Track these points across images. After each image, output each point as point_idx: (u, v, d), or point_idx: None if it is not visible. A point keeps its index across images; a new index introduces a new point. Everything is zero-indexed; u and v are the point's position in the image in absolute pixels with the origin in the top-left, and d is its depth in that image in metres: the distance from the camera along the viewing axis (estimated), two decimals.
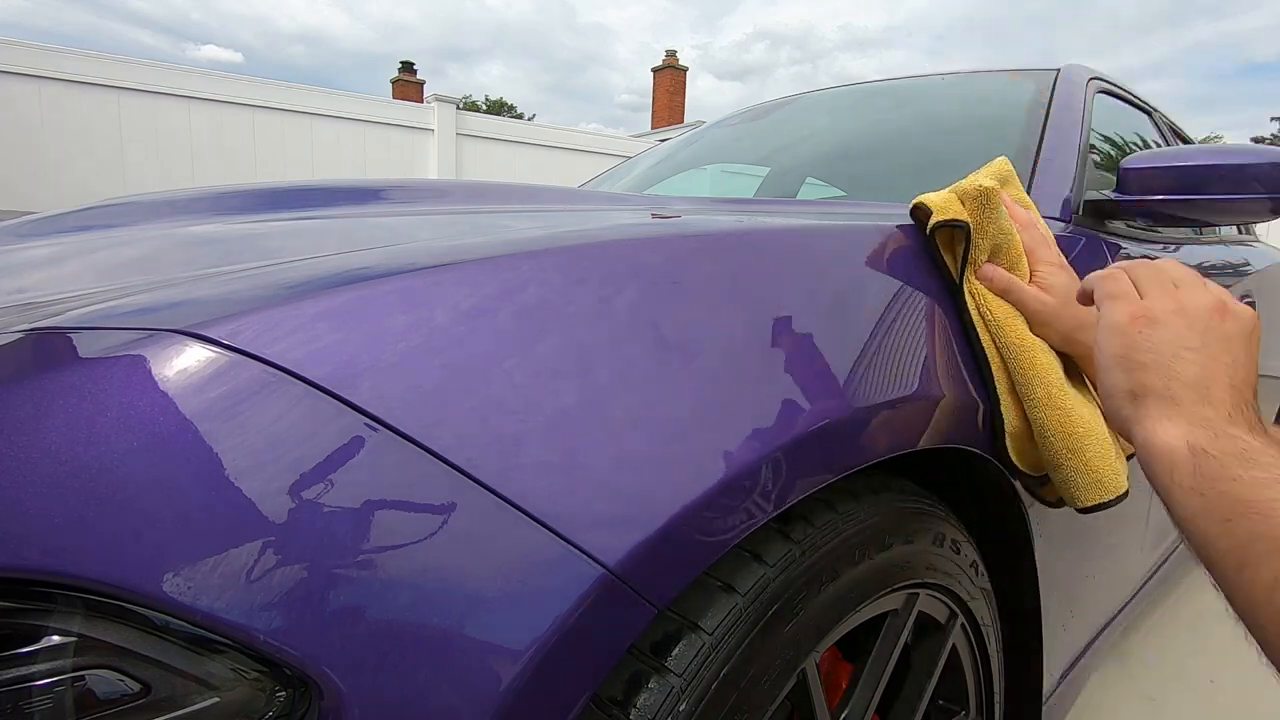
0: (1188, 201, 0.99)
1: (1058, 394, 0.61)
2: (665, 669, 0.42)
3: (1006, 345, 0.62)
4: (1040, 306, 0.63)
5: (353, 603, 0.30)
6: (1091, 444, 0.61)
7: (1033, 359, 0.62)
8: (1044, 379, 0.61)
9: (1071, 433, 0.61)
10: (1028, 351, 0.62)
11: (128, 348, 0.32)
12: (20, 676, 0.26)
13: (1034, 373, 0.61)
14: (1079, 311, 0.63)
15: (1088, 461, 0.61)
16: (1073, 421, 0.61)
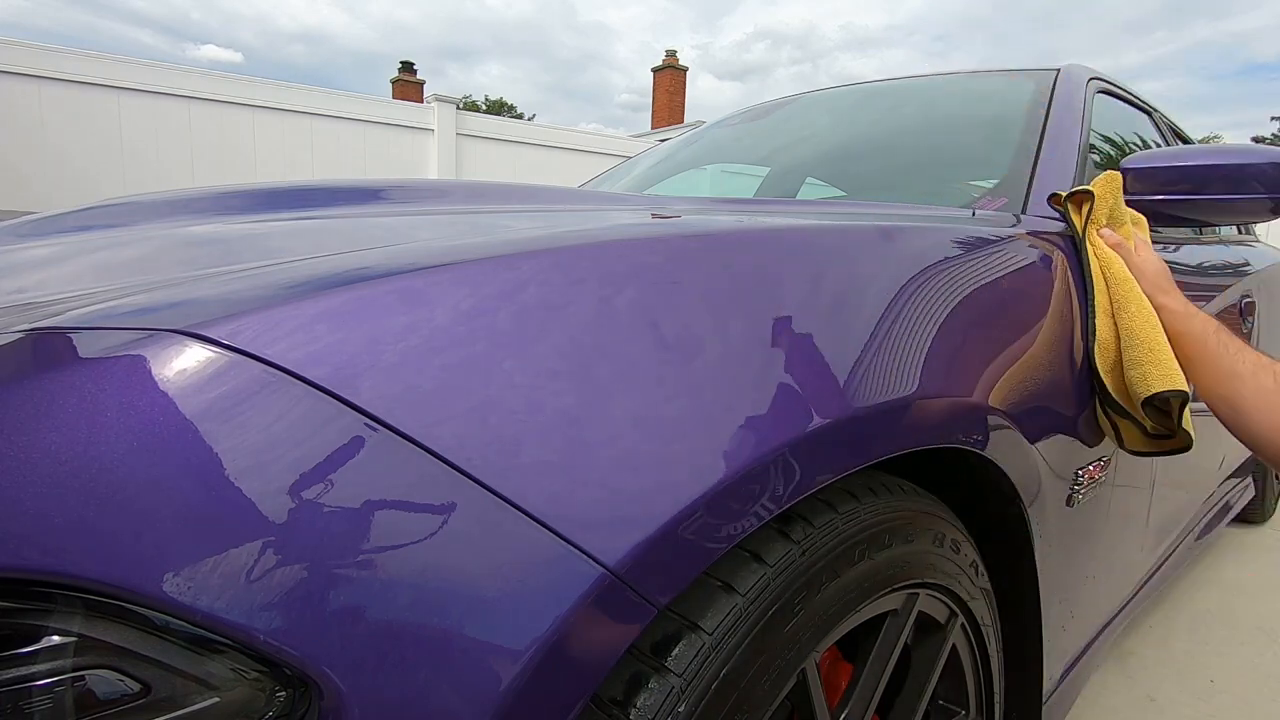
0: (1188, 201, 0.99)
1: (1147, 310, 0.84)
2: (665, 669, 0.42)
3: (1113, 275, 0.85)
4: (1138, 261, 0.88)
5: (353, 603, 0.30)
6: (1162, 345, 0.82)
7: (1131, 287, 0.85)
8: (1139, 299, 0.84)
9: (1154, 338, 0.81)
10: (1128, 281, 0.85)
11: (128, 348, 0.32)
12: (20, 676, 0.26)
13: (1131, 295, 0.84)
14: (1160, 279, 0.88)
15: (1161, 356, 0.81)
16: (1153, 325, 0.83)
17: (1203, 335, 0.84)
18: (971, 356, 0.63)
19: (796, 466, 0.45)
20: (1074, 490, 0.80)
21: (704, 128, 1.89)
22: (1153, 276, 0.87)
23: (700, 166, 1.71)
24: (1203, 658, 1.51)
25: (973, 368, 0.63)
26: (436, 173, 10.59)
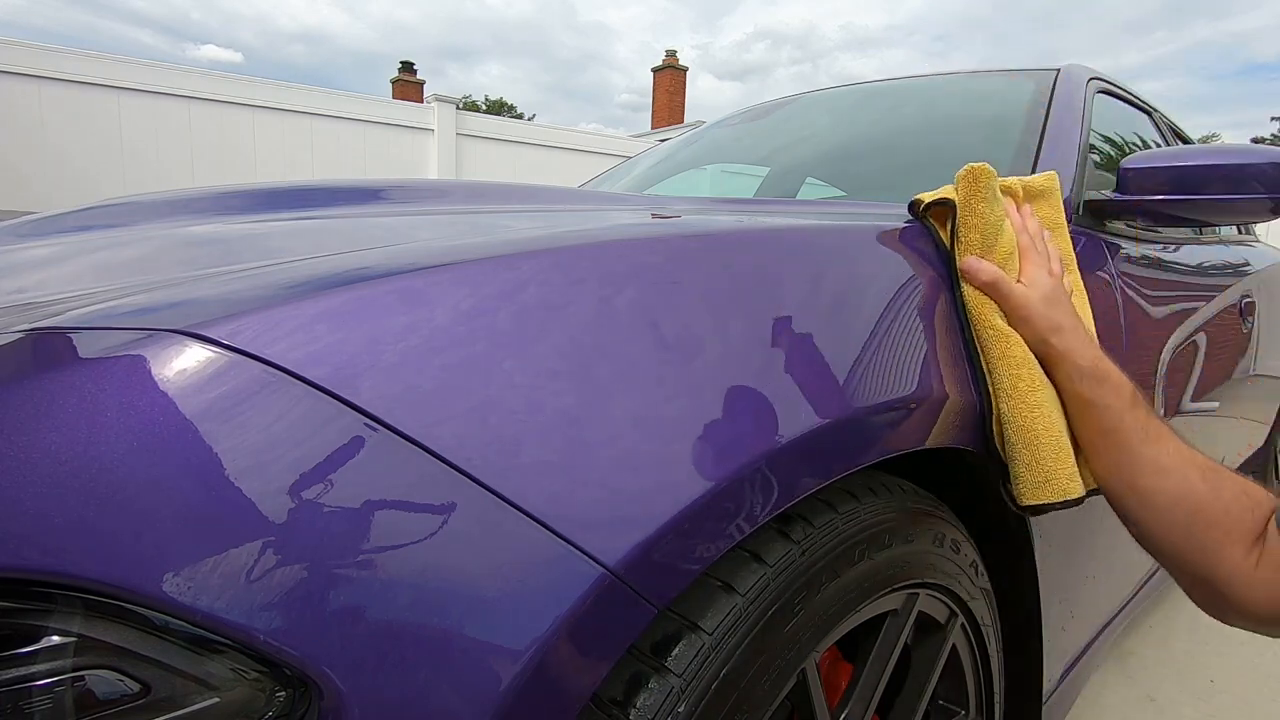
0: (1188, 201, 0.99)
1: (1024, 386, 0.61)
2: (665, 669, 0.42)
3: (982, 331, 0.62)
4: (1020, 301, 0.62)
5: (353, 603, 0.30)
6: (1047, 442, 0.61)
7: (1006, 348, 0.62)
8: (1012, 369, 0.61)
9: (1029, 426, 0.61)
10: (1002, 339, 0.62)
11: (128, 348, 0.32)
12: (20, 676, 0.26)
13: (1004, 362, 0.62)
14: (1057, 315, 0.63)
15: (1039, 458, 0.61)
16: (1033, 416, 0.61)
17: (1115, 408, 0.61)
18: (971, 356, 0.63)
19: (797, 466, 0.45)
20: None
21: (704, 128, 1.89)
22: (1042, 315, 0.62)
23: (700, 166, 1.71)
24: (1203, 658, 1.51)
25: (973, 368, 0.63)
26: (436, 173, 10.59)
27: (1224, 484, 0.58)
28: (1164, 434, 0.61)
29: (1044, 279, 0.65)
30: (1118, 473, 0.62)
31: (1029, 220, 0.71)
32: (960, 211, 0.63)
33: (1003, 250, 0.64)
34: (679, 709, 0.41)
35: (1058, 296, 0.65)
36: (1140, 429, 0.61)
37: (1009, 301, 0.62)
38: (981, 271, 0.62)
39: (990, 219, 0.63)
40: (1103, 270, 0.94)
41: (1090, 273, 0.92)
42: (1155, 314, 1.04)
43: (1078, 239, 0.93)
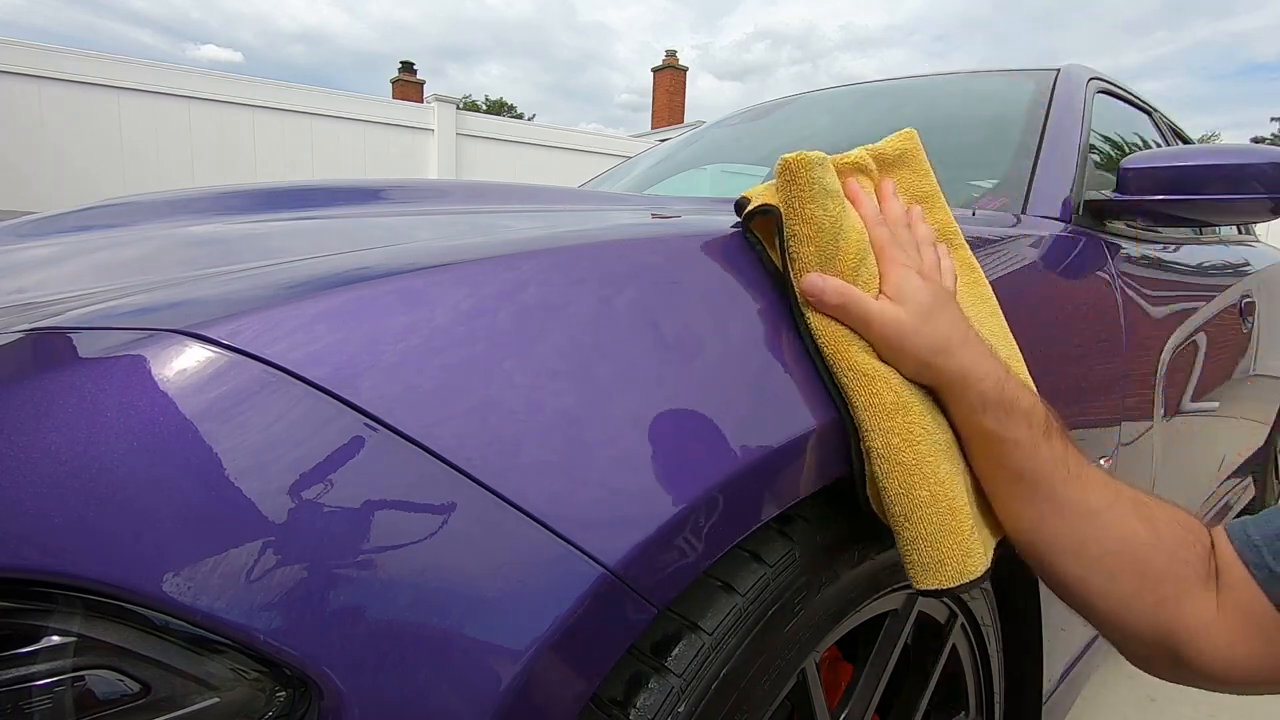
0: (1188, 201, 0.99)
1: (898, 442, 0.46)
2: (665, 669, 0.42)
3: (840, 374, 0.47)
4: (885, 324, 0.47)
5: (353, 603, 0.30)
6: (934, 516, 0.47)
7: (872, 393, 0.46)
8: (882, 420, 0.46)
9: (909, 495, 0.46)
10: (866, 382, 0.47)
11: (128, 348, 0.32)
12: (20, 676, 0.26)
13: (873, 412, 0.46)
14: (941, 330, 0.48)
15: (926, 536, 0.47)
16: (911, 481, 0.46)
17: (1026, 443, 0.48)
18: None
19: (798, 465, 0.45)
20: None
21: (704, 128, 1.89)
22: (919, 336, 0.48)
23: (700, 166, 1.71)
24: None
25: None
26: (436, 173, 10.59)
27: (1160, 520, 0.48)
28: (1087, 467, 0.49)
29: (914, 285, 0.49)
30: (1039, 526, 0.49)
31: (888, 204, 0.56)
32: (785, 219, 0.48)
33: (849, 256, 0.48)
34: (679, 709, 0.41)
35: (938, 304, 0.49)
36: (1060, 466, 0.48)
37: (870, 328, 0.47)
38: (826, 292, 0.47)
39: (824, 221, 0.48)
40: (1103, 270, 0.94)
41: (1090, 273, 0.92)
42: (1155, 314, 1.04)
43: (1078, 239, 0.93)
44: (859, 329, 0.48)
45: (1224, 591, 0.46)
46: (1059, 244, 0.89)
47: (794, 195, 0.48)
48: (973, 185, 1.18)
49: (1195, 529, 0.48)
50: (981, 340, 0.51)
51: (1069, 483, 0.48)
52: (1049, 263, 0.84)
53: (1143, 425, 0.97)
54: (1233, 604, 0.45)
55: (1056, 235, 0.90)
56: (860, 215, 0.53)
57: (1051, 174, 1.04)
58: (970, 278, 0.62)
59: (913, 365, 0.48)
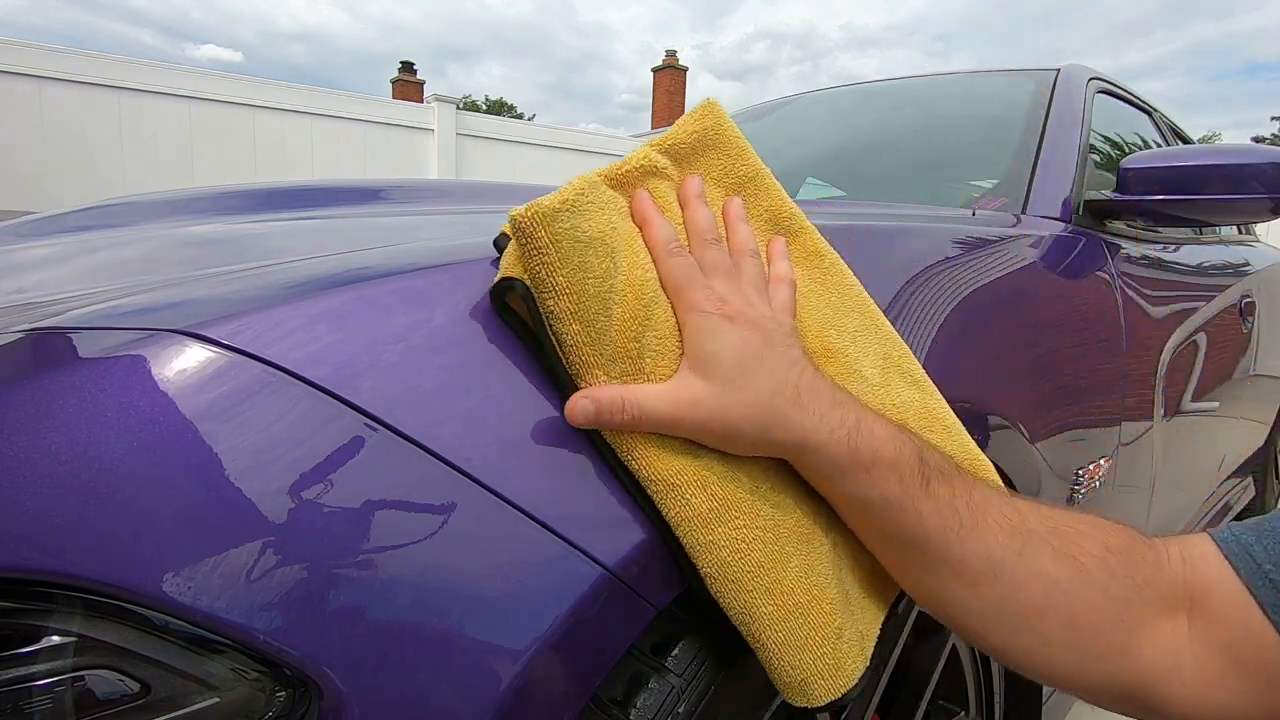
0: (1188, 201, 0.99)
1: (728, 556, 0.37)
2: (665, 669, 0.42)
3: (644, 483, 0.37)
4: (684, 418, 0.36)
5: (353, 603, 0.30)
6: (787, 628, 0.38)
7: (684, 505, 0.37)
8: (703, 537, 0.37)
9: (754, 615, 0.38)
10: (675, 493, 0.37)
11: (128, 348, 0.32)
12: (20, 676, 0.26)
13: (690, 528, 0.37)
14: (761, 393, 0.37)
15: (783, 652, 0.39)
16: (751, 601, 0.38)
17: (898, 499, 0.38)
18: (971, 356, 0.63)
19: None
20: (1074, 490, 0.80)
21: None
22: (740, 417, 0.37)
23: None
24: None
25: (972, 368, 0.63)
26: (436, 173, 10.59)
27: (1087, 553, 0.38)
28: (987, 508, 0.39)
29: (719, 342, 0.37)
30: (943, 592, 0.40)
31: (692, 213, 0.43)
32: (537, 295, 0.36)
33: (628, 323, 0.37)
34: (679, 709, 0.41)
35: (756, 355, 0.38)
36: (948, 518, 0.38)
37: (668, 427, 0.37)
38: (576, 414, 0.35)
39: (587, 286, 0.36)
40: (1103, 270, 0.94)
41: (1090, 273, 0.92)
42: (1155, 314, 1.04)
43: (1077, 239, 0.94)
44: (656, 431, 0.37)
45: (1204, 620, 0.38)
46: (1059, 244, 0.89)
47: (538, 263, 0.35)
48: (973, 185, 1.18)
49: (1136, 549, 0.40)
50: (820, 382, 0.39)
51: (963, 537, 0.38)
52: (1049, 263, 0.84)
53: (1143, 425, 0.97)
54: (1217, 638, 0.37)
55: (1056, 235, 0.90)
56: (650, 245, 0.40)
57: (1051, 174, 1.04)
58: (818, 269, 0.49)
59: (743, 447, 0.38)
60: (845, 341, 0.46)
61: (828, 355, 0.45)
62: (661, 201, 0.43)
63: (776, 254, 0.47)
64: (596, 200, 0.38)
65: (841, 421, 0.38)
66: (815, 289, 0.48)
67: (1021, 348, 0.71)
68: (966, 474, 0.41)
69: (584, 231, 0.37)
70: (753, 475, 0.40)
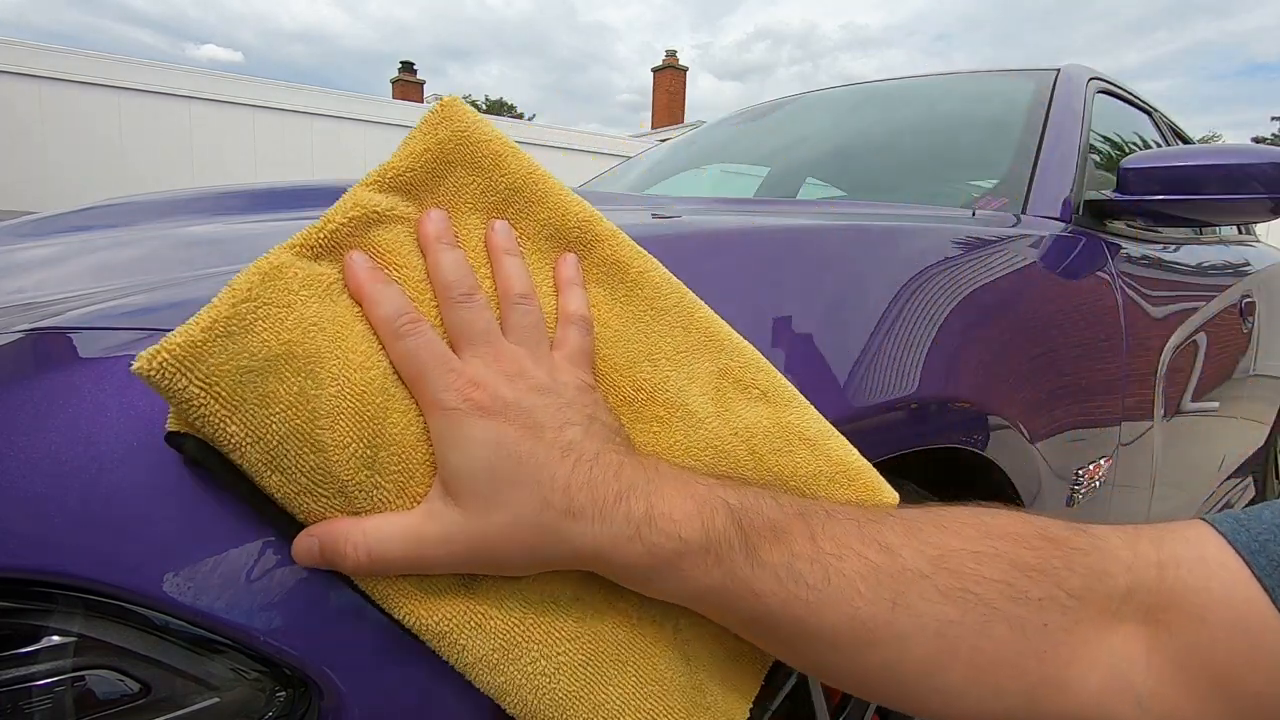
0: (1188, 201, 0.99)
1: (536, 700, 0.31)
2: None
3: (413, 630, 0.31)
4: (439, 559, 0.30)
5: (353, 602, 0.30)
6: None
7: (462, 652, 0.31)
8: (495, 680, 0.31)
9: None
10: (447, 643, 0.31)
11: (128, 348, 0.32)
12: (20, 676, 0.26)
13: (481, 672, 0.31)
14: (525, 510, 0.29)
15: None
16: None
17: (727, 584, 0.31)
18: (971, 357, 0.63)
19: None
20: (1074, 490, 0.80)
21: (704, 128, 1.89)
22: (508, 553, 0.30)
23: (700, 166, 1.71)
24: None
25: (972, 368, 0.63)
26: None
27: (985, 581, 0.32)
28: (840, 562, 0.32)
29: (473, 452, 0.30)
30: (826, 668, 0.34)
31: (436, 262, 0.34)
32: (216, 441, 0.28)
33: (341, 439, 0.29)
34: None
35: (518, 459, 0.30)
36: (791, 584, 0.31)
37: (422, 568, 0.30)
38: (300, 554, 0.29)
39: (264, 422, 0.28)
40: (1103, 270, 0.94)
41: (1090, 273, 0.92)
42: (1155, 314, 1.04)
43: (1077, 239, 0.94)
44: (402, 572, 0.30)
45: (1175, 629, 0.31)
46: (1059, 244, 0.89)
47: (198, 418, 0.27)
48: (973, 185, 1.18)
49: (1062, 558, 0.32)
50: (602, 468, 0.31)
51: (817, 605, 0.31)
52: (1049, 263, 0.84)
53: (1143, 425, 0.97)
54: (1196, 649, 0.30)
55: (1056, 235, 0.90)
56: (375, 328, 0.32)
57: (1051, 174, 1.04)
58: (623, 284, 0.39)
59: (519, 570, 0.32)
60: (664, 371, 0.38)
61: (641, 397, 0.37)
62: (395, 256, 0.33)
63: (565, 281, 0.37)
64: (276, 297, 0.29)
65: (628, 518, 0.30)
66: (620, 312, 0.39)
67: (1021, 348, 0.71)
68: (811, 513, 0.33)
69: (255, 354, 0.28)
70: (546, 592, 0.33)
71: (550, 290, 0.37)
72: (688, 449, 0.37)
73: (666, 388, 0.38)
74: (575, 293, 0.37)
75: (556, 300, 0.37)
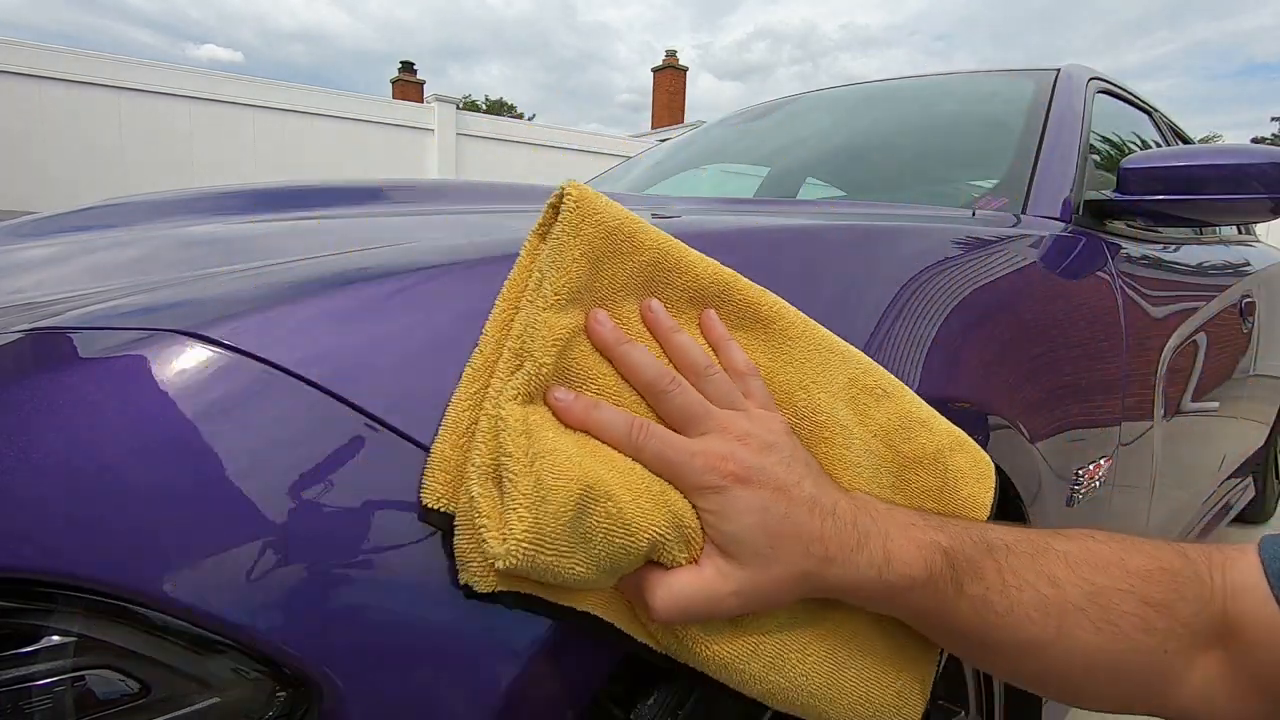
0: (1188, 201, 0.99)
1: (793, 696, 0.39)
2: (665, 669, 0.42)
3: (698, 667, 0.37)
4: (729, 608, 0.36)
5: (353, 602, 0.30)
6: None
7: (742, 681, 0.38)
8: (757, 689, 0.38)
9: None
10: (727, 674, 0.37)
11: (128, 348, 0.32)
12: (20, 676, 0.26)
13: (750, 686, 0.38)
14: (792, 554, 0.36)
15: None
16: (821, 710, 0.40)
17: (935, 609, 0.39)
18: (971, 357, 0.63)
19: None
20: (1074, 490, 0.80)
21: (704, 128, 1.89)
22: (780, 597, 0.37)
23: (700, 166, 1.71)
24: None
25: (972, 368, 0.63)
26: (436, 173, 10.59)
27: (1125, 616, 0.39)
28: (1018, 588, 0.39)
29: (742, 515, 0.35)
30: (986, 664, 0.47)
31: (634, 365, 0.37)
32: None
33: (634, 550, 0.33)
34: (679, 710, 0.41)
35: (784, 517, 0.35)
36: (985, 611, 0.39)
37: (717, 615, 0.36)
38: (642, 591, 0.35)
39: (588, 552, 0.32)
40: (1103, 270, 0.94)
41: (1090, 273, 0.92)
42: (1155, 314, 1.04)
43: (1077, 239, 0.94)
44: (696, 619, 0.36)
45: (1239, 648, 0.38)
46: (1059, 244, 0.89)
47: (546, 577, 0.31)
48: (973, 185, 1.18)
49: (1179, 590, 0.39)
50: (838, 516, 0.37)
51: (1000, 626, 0.39)
52: (1049, 263, 0.84)
53: (1143, 425, 0.97)
54: (1247, 665, 0.38)
55: (1056, 235, 0.90)
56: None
57: (1051, 174, 1.04)
58: (759, 324, 0.43)
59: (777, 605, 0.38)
60: (815, 395, 0.42)
61: (805, 424, 0.42)
62: (583, 370, 0.36)
63: (719, 340, 0.41)
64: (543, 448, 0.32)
65: (870, 562, 0.37)
66: (765, 349, 0.43)
67: (1021, 348, 0.71)
68: (995, 549, 0.40)
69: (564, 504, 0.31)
70: (794, 612, 0.40)
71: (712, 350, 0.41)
72: (853, 463, 0.42)
73: (821, 409, 0.42)
74: (733, 348, 0.41)
75: (717, 358, 0.40)
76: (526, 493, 0.30)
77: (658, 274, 0.40)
